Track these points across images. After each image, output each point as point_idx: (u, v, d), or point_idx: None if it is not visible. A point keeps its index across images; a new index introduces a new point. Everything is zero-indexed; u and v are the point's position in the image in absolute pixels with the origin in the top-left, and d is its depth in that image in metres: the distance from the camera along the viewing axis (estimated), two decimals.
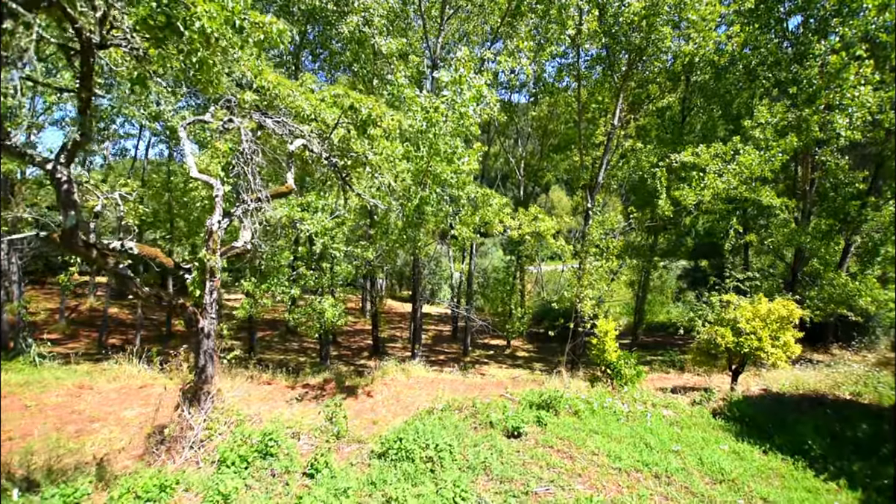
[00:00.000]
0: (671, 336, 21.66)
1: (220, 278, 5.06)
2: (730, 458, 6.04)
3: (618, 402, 7.06)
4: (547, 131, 19.77)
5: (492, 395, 8.32)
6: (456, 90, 6.87)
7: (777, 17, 16.60)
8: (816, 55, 14.69)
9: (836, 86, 13.80)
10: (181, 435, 4.99)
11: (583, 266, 12.38)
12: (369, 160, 5.45)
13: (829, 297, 15.47)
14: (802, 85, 15.01)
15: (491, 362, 18.44)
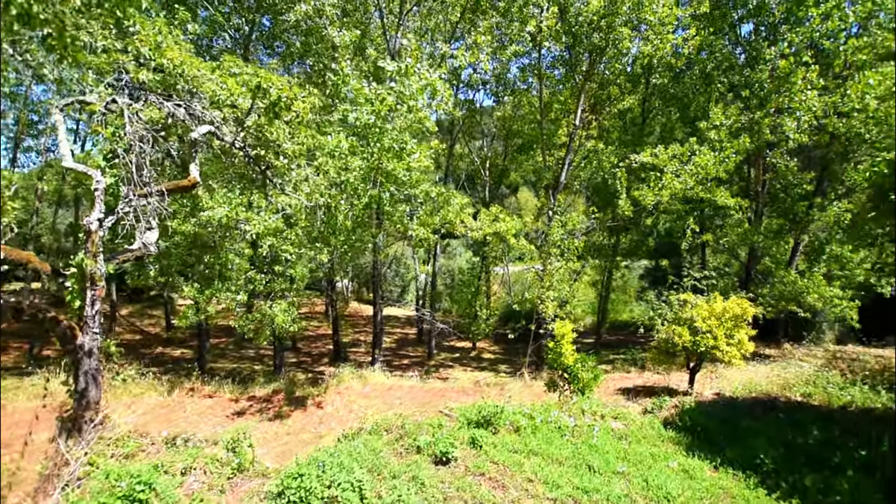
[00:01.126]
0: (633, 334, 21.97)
1: (104, 287, 4.39)
2: (678, 479, 5.70)
3: (564, 416, 6.53)
4: (511, 132, 19.64)
5: (431, 412, 7.78)
6: (404, 81, 6.46)
7: (731, 23, 17.09)
8: (767, 60, 15.16)
9: (785, 90, 14.24)
10: (55, 472, 4.26)
11: (545, 267, 12.21)
12: (284, 150, 4.90)
13: (780, 294, 15.98)
14: (754, 89, 15.45)
15: (456, 365, 18.10)
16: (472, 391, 11.11)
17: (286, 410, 8.59)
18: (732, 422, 5.39)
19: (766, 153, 16.96)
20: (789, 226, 17.45)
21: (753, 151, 16.00)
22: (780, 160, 17.09)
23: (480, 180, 23.37)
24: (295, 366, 17.48)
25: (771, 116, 14.68)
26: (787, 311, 16.74)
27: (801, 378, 7.02)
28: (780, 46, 14.85)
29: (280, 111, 4.52)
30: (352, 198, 7.70)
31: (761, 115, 14.61)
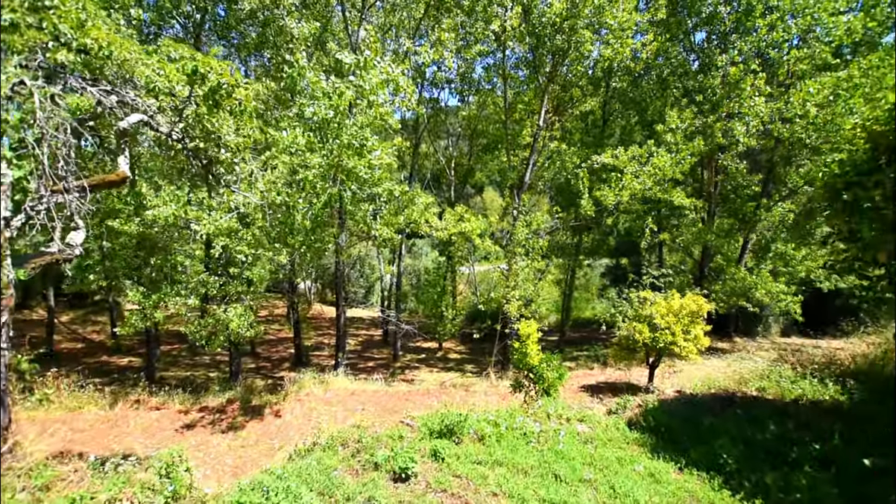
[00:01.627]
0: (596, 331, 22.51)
1: (13, 295, 3.87)
2: (645, 483, 5.66)
3: (529, 421, 6.35)
4: (476, 131, 19.64)
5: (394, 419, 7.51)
6: (363, 75, 6.20)
7: (685, 31, 17.78)
8: (718, 67, 15.85)
9: (735, 96, 14.93)
10: None
11: (510, 266, 12.23)
12: (227, 142, 4.52)
13: (731, 290, 16.75)
14: (707, 94, 16.13)
15: (422, 366, 17.90)
16: (437, 393, 10.96)
17: (241, 421, 8.12)
18: (694, 420, 5.41)
19: (718, 156, 17.76)
20: (739, 225, 18.34)
21: (706, 154, 16.71)
22: (731, 163, 17.95)
23: (446, 180, 23.28)
24: (254, 372, 16.75)
25: (722, 121, 15.37)
26: (738, 306, 17.60)
27: (756, 373, 7.31)
28: (731, 54, 15.56)
29: (220, 99, 4.14)
30: (310, 196, 7.35)
31: (714, 119, 15.26)
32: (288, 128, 6.25)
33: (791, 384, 6.49)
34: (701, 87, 16.70)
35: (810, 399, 5.98)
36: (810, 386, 6.35)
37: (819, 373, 6.73)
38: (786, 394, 6.28)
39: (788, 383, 6.52)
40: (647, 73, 19.50)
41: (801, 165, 17.95)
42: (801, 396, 6.14)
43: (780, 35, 15.24)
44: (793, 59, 15.80)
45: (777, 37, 15.32)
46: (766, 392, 6.46)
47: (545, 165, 16.76)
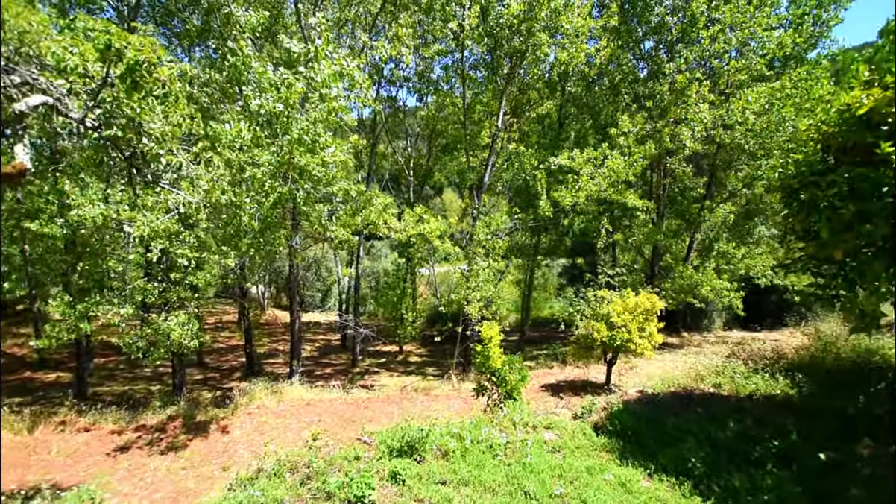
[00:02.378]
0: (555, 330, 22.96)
1: None
2: (616, 494, 5.48)
3: (495, 432, 6.05)
4: (435, 131, 19.47)
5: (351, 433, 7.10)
6: (314, 66, 5.84)
7: (636, 39, 18.47)
8: (666, 74, 16.57)
9: (682, 102, 15.65)
10: None
11: (470, 267, 12.13)
12: (150, 130, 4.02)
13: (680, 287, 17.54)
14: (656, 100, 16.82)
15: (382, 371, 17.48)
16: (397, 399, 10.65)
17: (183, 440, 7.45)
18: (658, 421, 5.40)
19: (666, 160, 18.60)
20: (685, 226, 19.25)
21: (656, 158, 17.44)
22: (678, 166, 18.85)
23: (405, 180, 22.95)
24: (201, 384, 15.71)
25: (670, 126, 16.08)
26: (685, 303, 18.48)
27: (711, 369, 7.57)
28: (678, 62, 16.30)
29: (140, 79, 3.64)
30: (259, 196, 6.86)
31: (662, 124, 15.93)
32: (232, 121, 5.77)
33: (745, 380, 6.76)
34: (650, 94, 17.39)
35: (763, 394, 6.24)
36: (762, 381, 6.64)
37: (770, 367, 7.06)
38: (740, 389, 6.53)
39: (742, 379, 6.79)
40: (600, 79, 20.13)
41: (740, 170, 19.16)
42: (755, 392, 6.40)
43: (721, 46, 16.13)
44: (732, 69, 16.80)
45: (718, 48, 16.21)
46: (722, 388, 6.69)
47: (504, 167, 16.85)
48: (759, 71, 17.63)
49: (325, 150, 6.28)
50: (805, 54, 18.35)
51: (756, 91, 15.41)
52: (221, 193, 6.93)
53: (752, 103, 15.09)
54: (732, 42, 15.96)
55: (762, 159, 17.37)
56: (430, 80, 15.94)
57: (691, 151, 16.58)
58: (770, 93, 15.11)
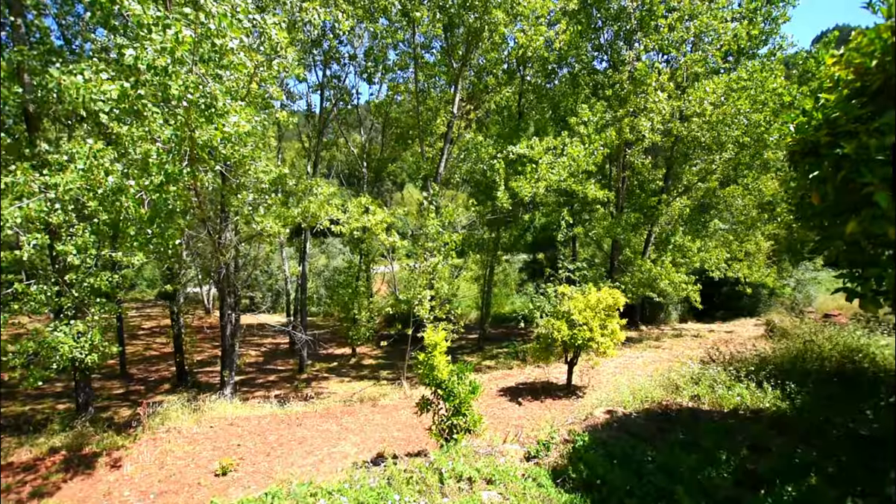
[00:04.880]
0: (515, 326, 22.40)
1: None
2: None
3: (412, 494, 3.90)
4: (388, 120, 18.23)
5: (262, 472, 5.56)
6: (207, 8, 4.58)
7: (595, 28, 18.00)
8: (626, 62, 16.15)
9: (641, 92, 15.26)
10: None
11: (419, 264, 11.09)
12: None
13: (639, 281, 17.28)
14: (615, 89, 16.39)
15: (332, 376, 16.17)
16: (339, 412, 9.47)
17: (56, 481, 5.98)
18: (636, 461, 3.92)
19: (626, 152, 18.33)
20: (644, 219, 19.08)
21: (615, 150, 17.09)
22: (637, 158, 18.62)
23: (359, 173, 21.56)
24: (121, 399, 13.85)
25: (630, 116, 15.70)
26: (644, 296, 18.31)
27: (687, 377, 6.89)
28: (637, 49, 15.92)
29: None
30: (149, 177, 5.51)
31: (623, 113, 15.50)
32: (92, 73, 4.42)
33: (727, 390, 6.04)
34: (610, 83, 16.97)
35: (750, 408, 5.50)
36: (747, 391, 5.93)
37: (754, 374, 6.43)
38: (723, 402, 5.78)
39: (724, 389, 6.08)
40: (561, 70, 19.63)
41: (695, 164, 19.21)
42: (740, 405, 5.66)
43: (680, 35, 15.88)
44: (690, 61, 16.65)
45: (677, 37, 15.96)
46: (702, 401, 5.96)
47: (461, 157, 15.91)
48: (716, 64, 17.64)
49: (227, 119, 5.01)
50: (757, 50, 18.57)
51: (714, 82, 15.27)
52: (105, 175, 5.54)
53: (709, 93, 14.91)
54: (690, 31, 15.72)
55: (716, 153, 17.45)
56: (378, 58, 14.68)
57: (650, 143, 16.29)
58: (727, 84, 14.99)
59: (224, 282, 11.61)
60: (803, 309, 20.42)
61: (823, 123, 2.67)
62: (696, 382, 6.57)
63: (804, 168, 2.93)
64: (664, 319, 23.36)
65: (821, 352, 6.56)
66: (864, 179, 2.35)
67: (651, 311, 22.76)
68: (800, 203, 3.35)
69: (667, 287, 17.31)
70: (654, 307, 22.63)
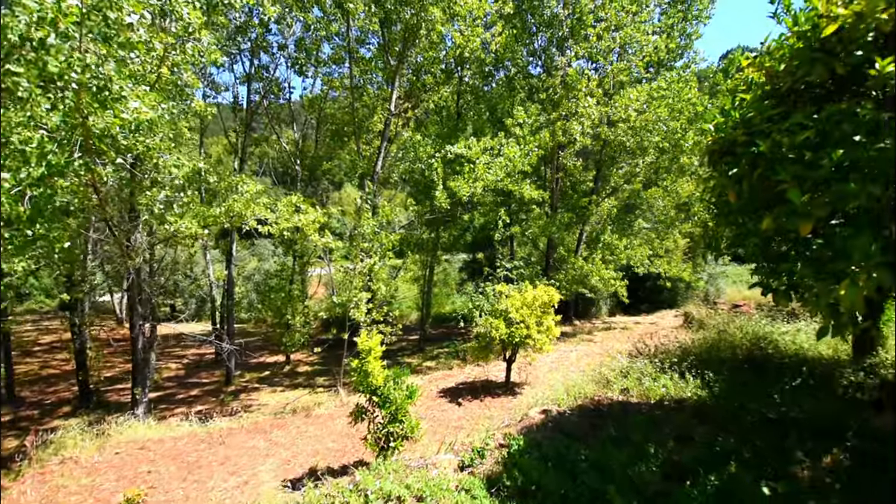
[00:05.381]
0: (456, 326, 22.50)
1: None
2: None
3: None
4: (323, 116, 17.48)
5: None
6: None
7: (530, 32, 18.52)
8: (558, 68, 16.76)
9: (572, 97, 15.91)
10: None
11: (354, 265, 10.69)
12: None
13: (573, 278, 18.03)
14: (549, 93, 16.95)
15: (263, 387, 15.20)
16: (268, 426, 8.84)
17: None
18: (570, 460, 4.14)
19: (559, 154, 19.05)
20: (576, 219, 19.97)
21: (549, 152, 17.70)
22: (570, 160, 19.42)
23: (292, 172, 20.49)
24: (7, 427, 12.03)
25: (562, 120, 16.32)
26: (577, 292, 19.16)
27: (617, 371, 7.18)
28: (569, 55, 16.57)
29: None
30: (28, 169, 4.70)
31: (556, 116, 16.06)
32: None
33: (653, 382, 6.36)
34: (544, 87, 17.52)
35: (674, 398, 5.82)
36: (671, 382, 6.28)
37: (677, 365, 6.82)
38: (650, 394, 6.07)
39: (650, 381, 6.39)
40: (497, 72, 20.01)
41: (621, 167, 20.44)
42: (666, 396, 5.96)
43: (607, 44, 16.76)
44: (616, 69, 17.64)
45: (604, 46, 16.81)
46: (631, 394, 6.21)
47: (399, 155, 15.63)
48: (639, 73, 18.86)
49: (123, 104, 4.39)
50: (674, 62, 20.12)
51: (637, 90, 16.30)
52: None
53: (633, 101, 15.87)
54: (616, 41, 16.64)
55: (640, 157, 18.68)
56: (310, 50, 13.99)
57: (581, 146, 17.06)
58: (649, 92, 16.05)
59: (135, 289, 10.46)
60: (715, 300, 22.46)
61: (740, 123, 2.82)
62: (625, 376, 6.86)
63: (722, 167, 3.09)
64: (595, 314, 24.62)
65: (733, 340, 7.17)
66: (779, 177, 2.49)
67: (584, 306, 23.88)
68: (718, 201, 3.54)
69: (597, 283, 18.21)
70: (586, 302, 23.75)
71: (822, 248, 2.61)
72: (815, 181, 2.37)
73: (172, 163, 6.80)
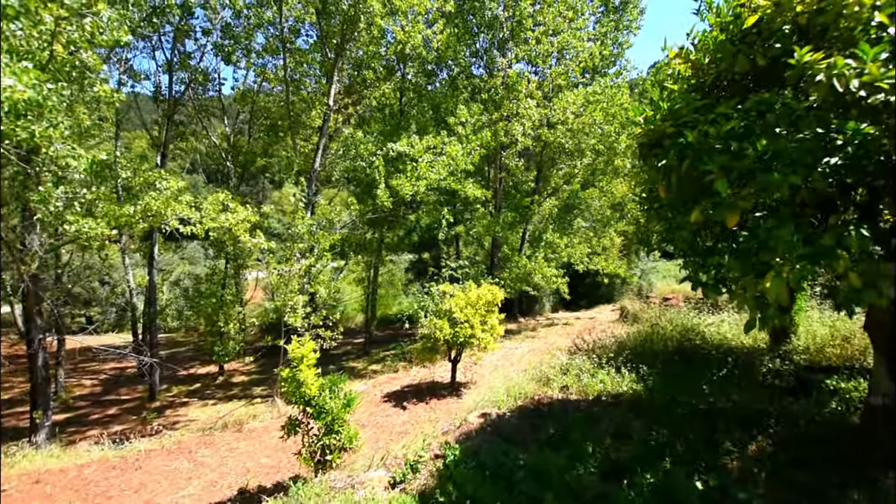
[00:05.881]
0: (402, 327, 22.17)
1: None
2: None
3: None
4: (257, 108, 16.48)
5: None
6: None
7: (472, 33, 18.61)
8: (500, 69, 16.98)
9: (513, 98, 16.17)
10: None
11: (291, 268, 10.13)
12: None
13: (517, 276, 18.37)
14: (491, 93, 17.13)
15: (193, 400, 14.05)
16: (194, 445, 8.10)
17: None
18: (508, 468, 4.05)
19: (501, 154, 19.34)
20: (519, 218, 20.39)
21: (492, 152, 17.91)
22: (512, 160, 19.77)
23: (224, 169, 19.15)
24: None
25: (504, 121, 16.56)
26: (521, 290, 19.56)
27: (557, 368, 7.27)
28: (509, 57, 16.84)
29: None
30: None
31: (498, 116, 16.25)
32: None
33: (591, 378, 6.48)
34: (486, 87, 17.69)
35: (611, 393, 5.96)
36: (608, 377, 6.41)
37: (614, 360, 7.02)
38: (588, 390, 6.15)
39: (588, 377, 6.50)
40: (440, 72, 19.95)
41: (561, 168, 21.15)
42: (603, 391, 6.08)
43: (546, 48, 17.21)
44: (554, 73, 18.19)
45: (543, 49, 17.26)
46: (570, 391, 6.28)
47: (340, 153, 15.07)
48: (576, 78, 19.58)
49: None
50: (608, 69, 21.12)
51: (574, 93, 16.90)
52: None
53: (571, 104, 16.43)
54: (554, 45, 17.13)
55: (578, 159, 19.42)
56: (238, 37, 13.08)
57: (523, 146, 17.40)
58: (585, 97, 16.69)
59: (31, 298, 9.22)
60: (648, 294, 23.84)
61: (668, 114, 2.87)
62: (565, 373, 6.97)
63: (652, 160, 3.13)
64: (539, 310, 25.31)
65: (664, 333, 7.54)
66: (706, 167, 2.53)
67: (527, 303, 24.44)
68: (648, 196, 3.62)
69: (540, 281, 18.68)
70: (529, 300, 24.32)
71: (748, 240, 2.69)
72: (741, 172, 2.44)
73: (66, 153, 5.97)
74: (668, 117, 2.85)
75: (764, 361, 5.67)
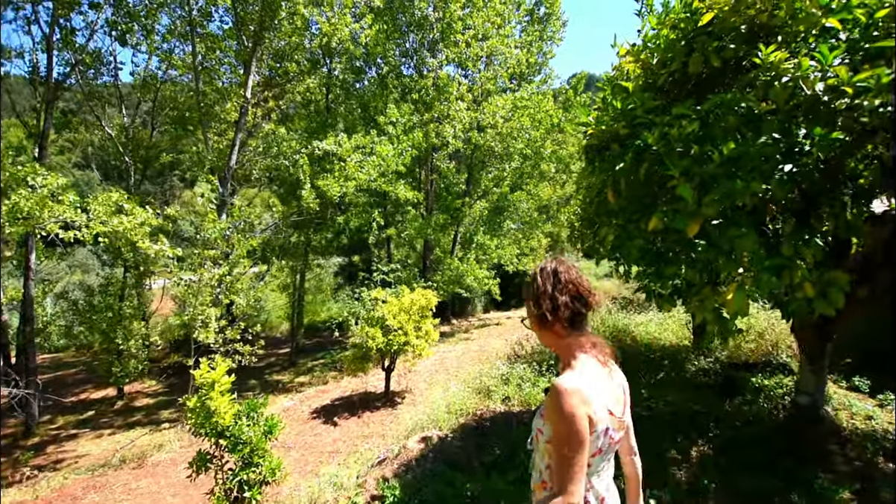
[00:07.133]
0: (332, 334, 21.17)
1: None
2: None
3: None
4: (160, 97, 14.73)
5: None
6: None
7: (401, 31, 18.26)
8: (430, 69, 16.82)
9: (444, 99, 16.10)
10: None
11: (200, 276, 9.09)
12: None
13: (449, 279, 18.35)
14: (422, 94, 16.92)
15: (84, 432, 12.15)
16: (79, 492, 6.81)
17: None
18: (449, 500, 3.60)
19: (433, 156, 19.22)
20: (451, 220, 20.42)
21: (423, 153, 17.72)
22: (443, 163, 19.73)
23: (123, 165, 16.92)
24: None
25: (435, 122, 16.43)
26: (453, 292, 19.58)
27: (497, 379, 7.15)
28: (440, 58, 16.74)
29: None
30: None
31: (429, 117, 16.07)
32: None
33: (532, 387, 6.43)
34: (417, 87, 17.46)
35: None
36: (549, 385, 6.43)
37: (554, 367, 7.05)
38: (530, 400, 6.06)
39: (530, 386, 6.44)
40: (369, 70, 19.37)
41: (490, 171, 21.54)
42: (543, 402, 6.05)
43: (476, 52, 17.37)
44: (483, 78, 18.44)
45: (473, 53, 17.40)
46: (513, 402, 6.14)
47: (261, 150, 13.94)
48: (504, 84, 20.03)
49: None
50: (534, 77, 21.89)
51: (503, 98, 17.24)
52: None
53: (500, 108, 16.72)
54: (484, 50, 17.34)
55: (506, 162, 19.89)
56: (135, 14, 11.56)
57: (454, 149, 17.41)
58: (513, 102, 17.09)
59: None
60: None
61: (621, 114, 2.77)
62: (506, 382, 6.89)
63: (602, 164, 3.02)
64: (472, 312, 25.59)
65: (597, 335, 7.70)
66: (669, 172, 2.44)
67: (460, 305, 24.59)
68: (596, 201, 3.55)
69: (473, 283, 18.83)
70: (462, 301, 24.49)
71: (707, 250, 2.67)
72: (703, 178, 2.38)
73: None
74: (620, 118, 2.77)
75: (690, 359, 6.02)
